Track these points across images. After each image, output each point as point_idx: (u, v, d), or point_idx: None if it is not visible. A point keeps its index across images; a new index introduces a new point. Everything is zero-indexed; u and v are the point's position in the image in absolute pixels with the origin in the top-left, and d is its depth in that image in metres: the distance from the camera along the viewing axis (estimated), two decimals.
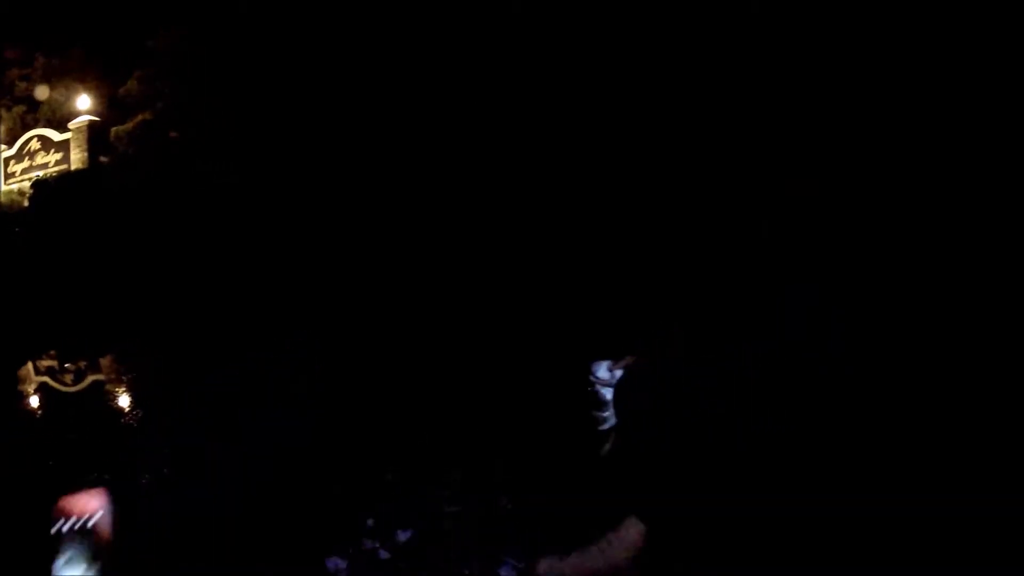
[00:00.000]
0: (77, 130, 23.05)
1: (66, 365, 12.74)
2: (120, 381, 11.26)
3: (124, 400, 9.69)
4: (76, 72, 23.99)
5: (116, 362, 12.32)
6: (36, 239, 18.52)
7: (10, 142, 24.65)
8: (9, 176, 24.49)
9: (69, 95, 23.98)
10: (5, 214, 22.12)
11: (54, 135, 23.64)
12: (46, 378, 11.80)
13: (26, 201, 21.48)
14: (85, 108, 23.29)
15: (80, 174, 21.62)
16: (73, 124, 23.17)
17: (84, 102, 23.40)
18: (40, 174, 22.94)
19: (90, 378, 11.57)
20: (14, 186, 23.91)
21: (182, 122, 18.02)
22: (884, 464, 2.10)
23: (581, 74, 10.12)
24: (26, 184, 22.65)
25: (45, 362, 12.87)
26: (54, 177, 21.93)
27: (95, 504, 3.39)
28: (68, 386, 11.26)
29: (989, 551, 2.40)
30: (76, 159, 22.89)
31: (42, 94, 24.59)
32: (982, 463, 2.74)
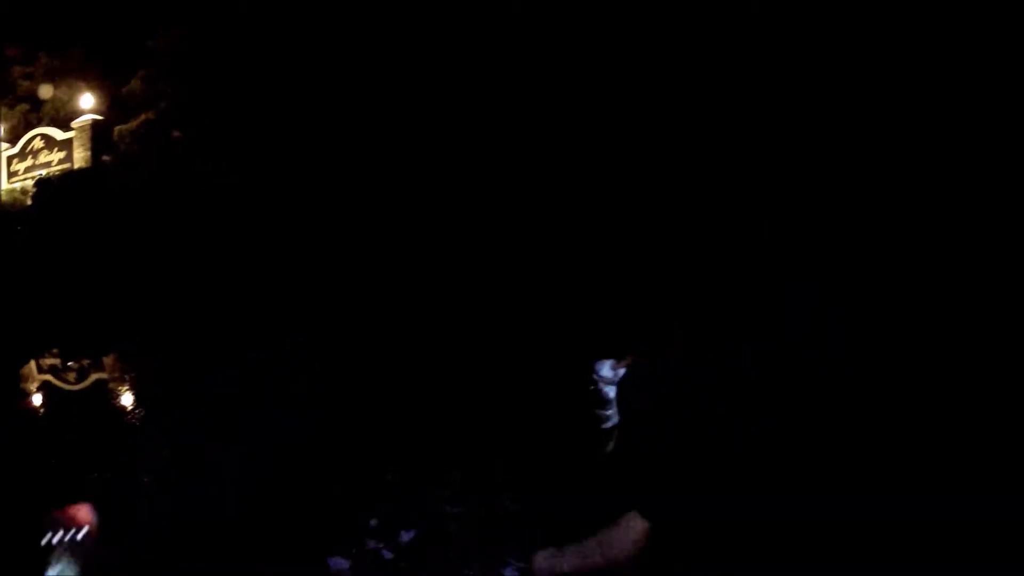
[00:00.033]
0: (80, 129, 23.07)
1: (69, 363, 12.75)
2: (123, 380, 11.27)
3: (126, 399, 9.70)
4: (79, 71, 24.01)
5: (119, 361, 12.34)
6: (39, 238, 18.55)
7: (13, 140, 24.68)
8: (12, 174, 24.51)
9: (72, 94, 24.01)
10: (8, 213, 22.15)
11: (57, 134, 23.66)
12: (49, 376, 11.82)
13: (29, 200, 21.52)
14: (88, 107, 23.30)
15: (83, 173, 21.64)
16: (76, 123, 23.19)
17: (87, 101, 23.41)
18: (43, 173, 22.96)
19: (93, 376, 11.58)
20: (17, 184, 23.93)
21: (184, 122, 18.04)
22: (884, 464, 2.10)
23: (581, 74, 10.13)
24: (29, 183, 22.68)
25: (48, 360, 12.89)
26: (57, 176, 21.95)
27: (85, 517, 3.43)
28: (71, 384, 11.27)
29: (989, 551, 2.41)
30: (79, 158, 22.91)
31: (45, 93, 24.61)
32: (982, 463, 2.74)
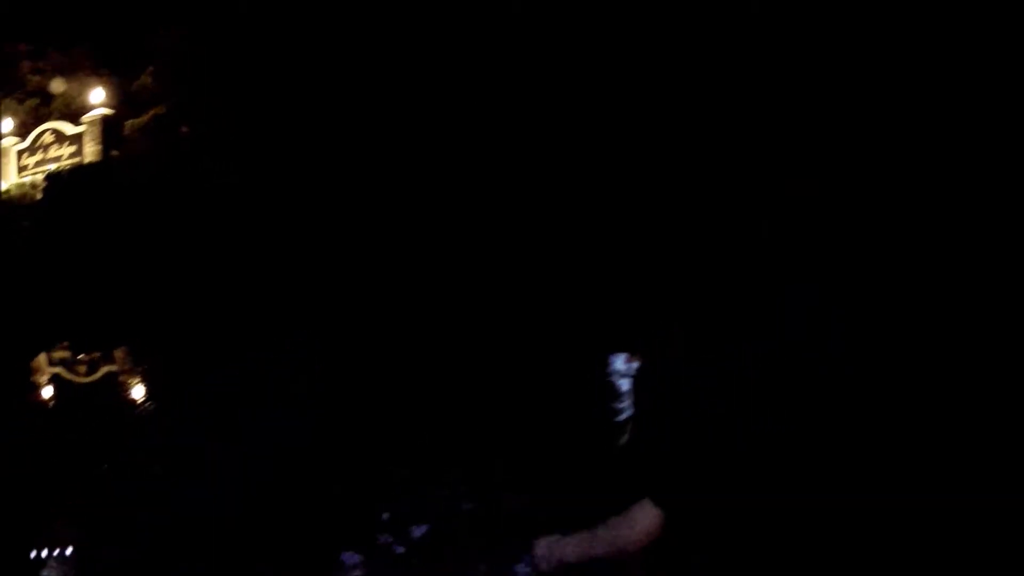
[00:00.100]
0: (91, 123, 23.13)
1: (79, 356, 12.84)
2: (133, 373, 11.35)
3: (135, 393, 9.76)
4: (89, 66, 24.06)
5: (129, 355, 12.41)
6: (50, 232, 18.64)
7: (23, 135, 24.76)
8: (22, 168, 24.60)
9: (82, 89, 24.06)
10: (18, 206, 22.26)
11: (68, 128, 23.74)
12: (59, 369, 11.90)
13: (39, 193, 21.61)
14: (99, 102, 23.34)
15: (93, 167, 21.72)
16: (87, 117, 23.25)
17: (97, 96, 23.45)
18: (53, 167, 23.03)
19: (103, 369, 11.66)
20: (27, 178, 24.03)
21: (190, 119, 18.08)
22: (884, 463, 2.10)
23: (582, 75, 10.10)
24: (39, 177, 22.77)
25: (59, 353, 12.98)
26: (67, 170, 22.03)
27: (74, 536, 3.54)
28: (81, 377, 11.35)
29: (989, 549, 2.41)
30: (90, 152, 22.98)
31: (55, 88, 24.68)
32: (982, 462, 2.74)
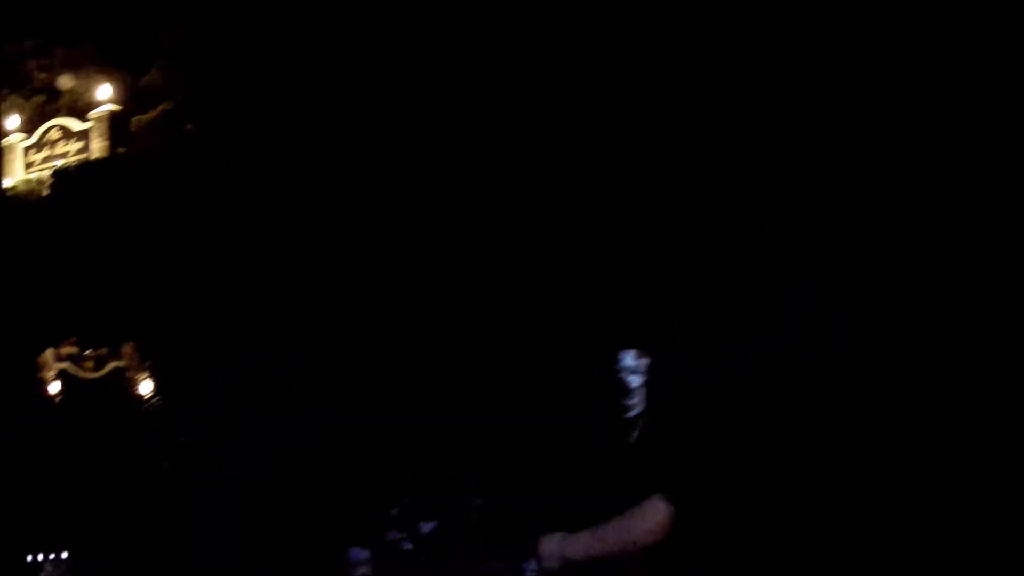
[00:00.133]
0: (98, 119, 23.15)
1: (87, 352, 12.88)
2: (140, 369, 11.39)
3: (140, 391, 9.80)
4: (95, 62, 24.08)
5: (136, 351, 12.44)
6: (57, 228, 18.69)
7: (29, 131, 24.82)
8: (29, 165, 24.66)
9: (89, 85, 24.08)
10: (25, 203, 22.32)
11: (75, 124, 23.77)
12: (67, 364, 11.95)
13: (46, 190, 21.67)
14: (106, 97, 23.35)
15: (101, 164, 21.75)
16: (94, 113, 23.27)
17: (104, 92, 23.45)
18: (60, 163, 23.08)
19: (111, 365, 11.71)
20: (34, 175, 24.08)
21: (194, 117, 18.10)
22: (884, 464, 2.11)
23: (583, 75, 10.08)
24: (46, 173, 22.82)
25: (66, 349, 13.03)
26: (74, 166, 22.08)
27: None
28: (89, 373, 11.40)
29: (988, 551, 2.41)
30: (97, 148, 23.01)
31: (62, 84, 24.72)
32: (981, 462, 2.75)
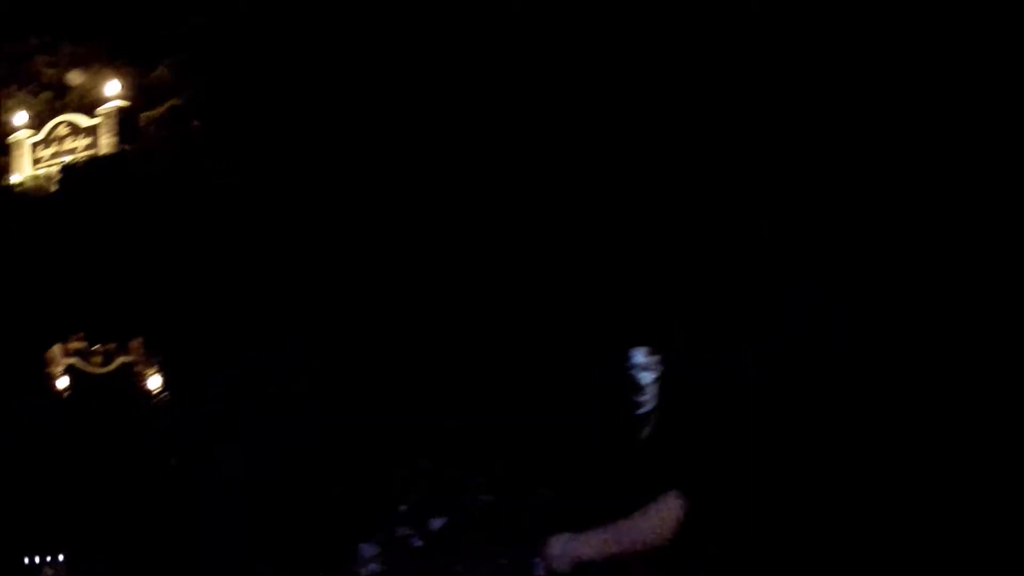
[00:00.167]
0: (107, 115, 23.18)
1: (94, 347, 12.92)
2: (148, 365, 11.43)
3: (148, 387, 9.84)
4: (103, 58, 24.13)
5: (144, 347, 12.48)
6: (64, 224, 18.76)
7: (37, 127, 24.88)
8: (36, 161, 24.74)
9: (97, 81, 24.12)
10: (33, 199, 22.40)
11: (83, 120, 23.82)
12: (75, 360, 12.00)
13: (53, 186, 21.74)
14: (114, 94, 23.37)
15: (109, 160, 21.80)
16: (102, 109, 23.31)
17: (113, 88, 23.47)
18: (68, 159, 23.15)
19: (119, 360, 11.75)
20: (41, 171, 24.16)
21: (200, 115, 18.12)
22: (884, 462, 2.12)
23: (582, 75, 10.06)
24: (53, 169, 22.89)
25: (74, 344, 13.08)
26: (82, 162, 22.13)
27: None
28: (97, 368, 11.45)
29: (987, 549, 2.41)
30: (105, 144, 23.05)
31: (70, 80, 24.77)
32: (981, 462, 2.75)
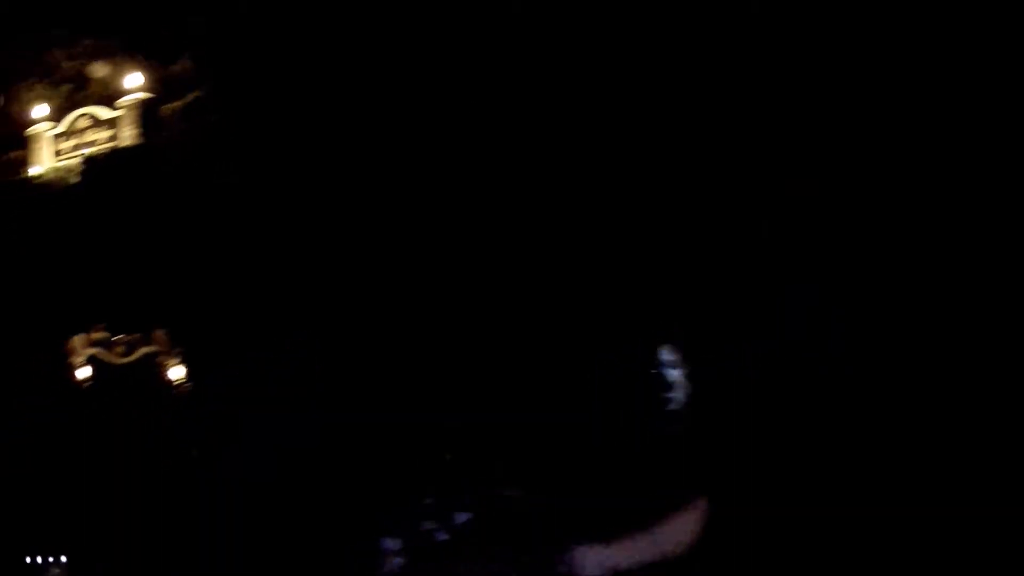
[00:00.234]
0: (128, 108, 23.27)
1: (116, 337, 13.05)
2: (171, 355, 11.53)
3: (170, 377, 9.90)
4: (124, 51, 24.22)
5: (167, 337, 12.56)
6: (86, 215, 18.94)
7: (58, 119, 25.04)
8: (57, 153, 24.93)
9: (118, 73, 24.22)
10: (54, 191, 22.61)
11: (103, 112, 23.94)
12: (96, 350, 12.14)
13: (74, 178, 21.92)
14: (135, 86, 23.44)
15: (131, 152, 21.93)
16: (123, 101, 23.39)
17: (134, 80, 23.54)
18: (89, 151, 23.30)
19: (142, 350, 11.87)
20: (62, 163, 24.34)
21: (217, 109, 18.15)
22: (884, 462, 2.13)
23: (583, 74, 10.01)
24: (75, 161, 23.05)
25: (96, 334, 13.23)
26: (104, 154, 22.29)
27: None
28: (119, 358, 11.58)
29: (987, 549, 2.42)
30: (127, 136, 23.15)
31: (91, 72, 24.88)
32: (981, 462, 2.74)
